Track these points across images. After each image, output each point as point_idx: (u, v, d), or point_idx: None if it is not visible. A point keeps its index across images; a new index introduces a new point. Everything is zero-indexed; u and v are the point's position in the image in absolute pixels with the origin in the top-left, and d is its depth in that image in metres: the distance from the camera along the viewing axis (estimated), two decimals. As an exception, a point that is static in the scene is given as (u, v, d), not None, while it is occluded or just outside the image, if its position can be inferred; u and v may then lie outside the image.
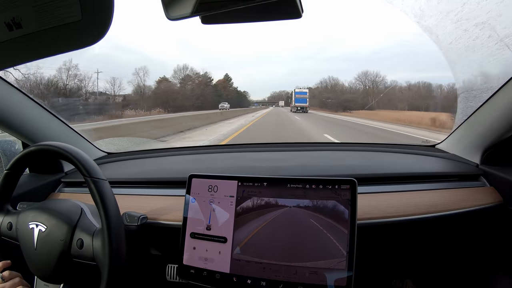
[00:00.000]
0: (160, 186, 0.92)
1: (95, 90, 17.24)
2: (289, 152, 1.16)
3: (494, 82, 0.78)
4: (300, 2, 0.40)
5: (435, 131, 7.96)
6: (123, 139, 3.74)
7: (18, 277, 0.65)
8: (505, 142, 0.78)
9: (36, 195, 0.90)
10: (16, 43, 0.36)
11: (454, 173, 0.88)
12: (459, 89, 1.01)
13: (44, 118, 0.94)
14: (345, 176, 0.67)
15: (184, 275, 0.69)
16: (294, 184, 0.66)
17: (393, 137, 7.71)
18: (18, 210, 0.73)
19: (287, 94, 35.88)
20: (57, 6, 0.33)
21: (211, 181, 0.71)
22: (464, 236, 0.83)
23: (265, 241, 0.64)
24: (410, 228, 0.75)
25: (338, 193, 0.63)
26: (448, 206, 0.75)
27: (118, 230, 0.62)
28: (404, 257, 0.86)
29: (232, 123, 11.12)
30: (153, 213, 0.78)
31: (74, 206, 0.69)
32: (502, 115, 0.75)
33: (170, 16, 0.39)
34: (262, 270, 0.63)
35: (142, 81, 20.82)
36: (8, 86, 0.81)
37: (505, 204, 0.76)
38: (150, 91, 21.11)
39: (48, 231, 0.64)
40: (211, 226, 0.68)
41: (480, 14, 0.78)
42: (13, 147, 1.03)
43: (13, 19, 0.34)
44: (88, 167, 0.63)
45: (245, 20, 0.45)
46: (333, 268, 0.60)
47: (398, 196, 0.78)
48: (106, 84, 18.52)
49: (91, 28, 0.35)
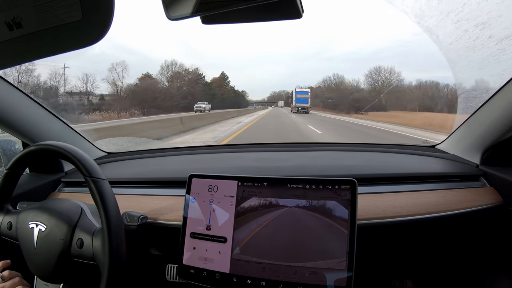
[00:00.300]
0: (160, 186, 0.92)
1: (68, 88, 14.85)
2: (289, 152, 1.16)
3: (494, 83, 0.78)
4: (301, 2, 0.40)
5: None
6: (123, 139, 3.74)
7: (18, 276, 0.65)
8: (505, 142, 0.78)
9: (36, 195, 0.90)
10: (16, 43, 0.36)
11: (454, 173, 0.88)
12: (459, 90, 1.01)
13: (44, 117, 0.94)
14: (345, 176, 0.67)
15: (184, 275, 0.69)
16: (294, 184, 0.66)
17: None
18: (18, 210, 0.73)
19: (287, 94, 35.63)
20: (58, 6, 0.33)
21: (211, 181, 0.71)
22: (464, 236, 0.83)
23: (265, 241, 0.64)
24: (410, 228, 0.75)
25: (338, 193, 0.63)
26: (448, 207, 0.75)
27: (118, 230, 0.62)
28: (404, 257, 0.86)
29: (197, 137, 7.39)
30: (153, 213, 0.78)
31: (74, 206, 0.69)
32: (502, 115, 0.75)
33: (171, 16, 0.39)
34: (262, 270, 0.63)
35: (119, 78, 18.24)
36: (8, 86, 0.81)
37: (505, 205, 0.76)
38: (128, 90, 18.52)
39: (48, 230, 0.64)
40: (211, 226, 0.68)
41: (481, 15, 0.78)
42: (13, 147, 1.04)
43: (13, 18, 0.34)
44: (88, 166, 0.63)
45: (245, 20, 0.45)
46: (333, 268, 0.60)
47: (399, 196, 0.78)
48: (77, 82, 16.09)
49: (91, 28, 0.35)
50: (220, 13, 0.41)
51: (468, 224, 0.79)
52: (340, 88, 25.63)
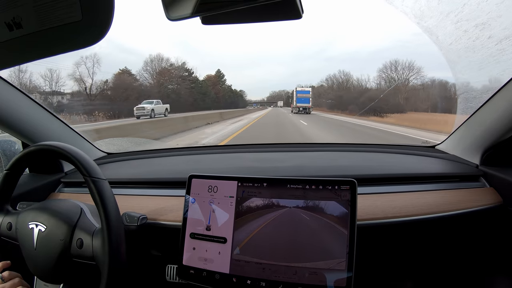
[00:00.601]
0: (160, 186, 0.92)
1: (31, 87, 11.56)
2: (289, 152, 1.16)
3: (494, 83, 0.78)
4: (300, 3, 0.40)
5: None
6: (123, 139, 3.74)
7: (17, 277, 0.65)
8: (505, 143, 0.78)
9: (36, 195, 0.90)
10: (16, 43, 0.36)
11: (454, 174, 0.88)
12: (458, 90, 1.01)
13: (44, 118, 0.94)
14: (345, 176, 0.67)
15: (184, 276, 0.69)
16: (294, 184, 0.66)
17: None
18: (18, 210, 0.73)
19: (287, 94, 35.45)
20: (57, 6, 0.33)
21: (211, 181, 0.71)
22: (464, 236, 0.83)
23: (264, 242, 0.64)
24: (410, 228, 0.75)
25: (338, 193, 0.63)
26: (447, 207, 0.75)
27: (117, 230, 0.62)
28: (404, 257, 0.86)
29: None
30: (153, 213, 0.78)
31: (74, 206, 0.69)
32: (502, 116, 0.75)
33: (171, 16, 0.39)
34: (261, 270, 0.63)
35: (90, 74, 14.98)
36: (8, 86, 0.81)
37: (505, 205, 0.76)
38: (97, 88, 15.40)
39: (47, 231, 0.64)
40: (211, 227, 0.68)
41: (480, 15, 0.78)
42: (13, 147, 1.03)
43: (13, 19, 0.34)
44: (88, 166, 0.63)
45: (245, 21, 0.45)
46: (333, 269, 0.60)
47: (399, 197, 0.78)
48: (39, 79, 13.01)
49: (91, 28, 0.36)
50: (220, 14, 0.41)
51: (468, 225, 0.79)
52: (345, 86, 23.62)
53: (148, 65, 19.46)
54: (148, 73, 19.25)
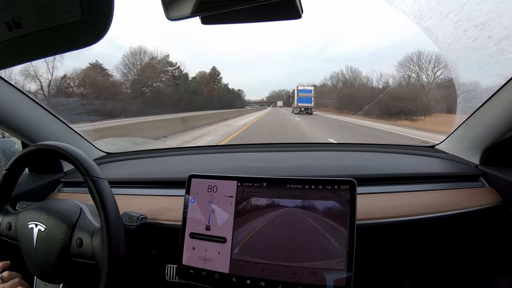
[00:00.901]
0: (160, 186, 0.92)
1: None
2: (289, 152, 1.16)
3: (493, 83, 0.78)
4: (300, 3, 0.40)
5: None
6: (123, 139, 3.73)
7: (17, 277, 0.65)
8: (504, 142, 0.78)
9: (36, 195, 0.90)
10: (16, 43, 0.36)
11: (454, 173, 0.88)
12: (458, 90, 1.01)
13: (44, 118, 0.94)
14: (345, 176, 0.67)
15: (184, 275, 0.69)
16: (294, 184, 0.66)
17: None
18: (17, 210, 0.73)
19: (287, 94, 35.26)
20: (57, 6, 0.33)
21: (211, 181, 0.71)
22: (464, 236, 0.83)
23: (264, 242, 0.64)
24: (409, 228, 0.75)
25: (337, 193, 0.63)
26: (447, 207, 0.75)
27: (117, 229, 0.62)
28: (404, 257, 0.86)
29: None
30: (152, 213, 0.78)
31: (74, 206, 0.69)
32: (501, 115, 0.75)
33: (170, 16, 0.39)
34: (261, 270, 0.63)
35: (49, 69, 13.42)
36: (8, 86, 0.81)
37: (504, 205, 0.76)
38: (55, 86, 13.65)
39: (47, 230, 0.64)
40: (211, 226, 0.68)
41: (480, 15, 0.78)
42: (13, 147, 1.03)
43: (13, 18, 0.34)
44: (87, 166, 0.63)
45: (245, 21, 0.45)
46: (333, 269, 0.60)
47: (399, 197, 0.78)
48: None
49: (90, 28, 0.35)
50: (220, 14, 0.41)
51: (468, 224, 0.79)
52: (354, 84, 20.82)
53: (128, 59, 17.37)
54: (126, 67, 17.19)
